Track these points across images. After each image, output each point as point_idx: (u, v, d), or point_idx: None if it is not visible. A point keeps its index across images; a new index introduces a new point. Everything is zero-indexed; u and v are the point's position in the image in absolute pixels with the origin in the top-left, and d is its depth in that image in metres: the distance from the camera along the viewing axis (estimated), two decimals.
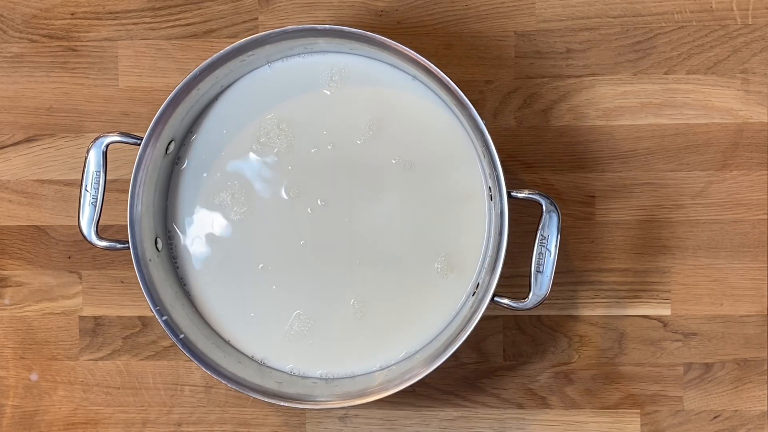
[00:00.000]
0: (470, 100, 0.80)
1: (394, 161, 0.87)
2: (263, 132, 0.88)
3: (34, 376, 0.96)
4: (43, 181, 0.95)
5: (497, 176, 0.80)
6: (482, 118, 0.81)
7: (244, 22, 0.93)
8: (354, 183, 0.88)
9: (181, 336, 0.85)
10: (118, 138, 0.84)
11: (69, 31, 0.94)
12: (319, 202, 0.88)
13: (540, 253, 0.81)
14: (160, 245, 0.88)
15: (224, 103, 0.89)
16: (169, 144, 0.87)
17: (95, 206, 0.84)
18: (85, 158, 0.84)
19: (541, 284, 0.81)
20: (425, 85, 0.87)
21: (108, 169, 0.85)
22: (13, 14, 0.95)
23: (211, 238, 0.89)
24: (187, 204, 0.89)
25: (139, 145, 0.84)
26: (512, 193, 0.81)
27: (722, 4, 0.91)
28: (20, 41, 0.95)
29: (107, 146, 0.84)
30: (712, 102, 0.91)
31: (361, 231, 0.88)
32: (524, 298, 0.82)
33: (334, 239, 0.88)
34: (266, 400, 0.84)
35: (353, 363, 0.88)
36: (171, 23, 0.94)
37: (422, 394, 0.94)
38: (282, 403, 0.84)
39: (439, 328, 0.88)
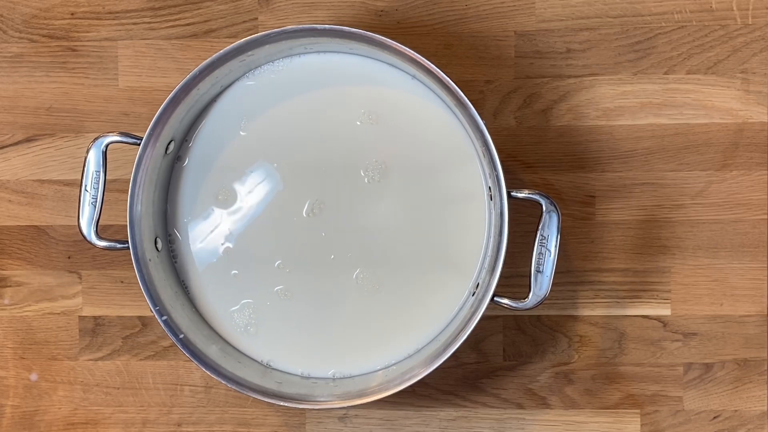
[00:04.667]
0: (470, 100, 0.80)
1: (393, 161, 0.87)
2: (263, 132, 0.88)
3: (33, 376, 0.96)
4: (42, 181, 0.95)
5: (497, 176, 0.80)
6: (482, 118, 0.81)
7: (244, 22, 0.93)
8: (354, 183, 0.88)
9: (181, 336, 0.85)
10: (117, 138, 0.84)
11: (69, 31, 0.94)
12: (319, 202, 0.88)
13: (540, 253, 0.81)
14: (159, 245, 0.88)
15: (224, 103, 0.89)
16: (169, 144, 0.87)
17: (95, 206, 0.84)
18: (85, 158, 0.84)
19: (541, 284, 0.81)
20: (425, 84, 0.87)
21: (108, 169, 0.85)
22: (12, 14, 0.95)
23: (211, 238, 0.89)
24: (187, 204, 0.89)
25: (139, 145, 0.84)
26: (512, 193, 0.81)
27: (722, 4, 0.91)
28: (20, 41, 0.95)
29: (107, 146, 0.84)
30: (712, 102, 0.91)
31: (362, 231, 0.88)
32: (524, 298, 0.82)
33: (334, 239, 0.88)
34: (266, 400, 0.84)
35: (353, 363, 0.88)
36: (171, 23, 0.94)
37: (422, 394, 0.94)
38: (282, 403, 0.84)
39: (439, 328, 0.88)
